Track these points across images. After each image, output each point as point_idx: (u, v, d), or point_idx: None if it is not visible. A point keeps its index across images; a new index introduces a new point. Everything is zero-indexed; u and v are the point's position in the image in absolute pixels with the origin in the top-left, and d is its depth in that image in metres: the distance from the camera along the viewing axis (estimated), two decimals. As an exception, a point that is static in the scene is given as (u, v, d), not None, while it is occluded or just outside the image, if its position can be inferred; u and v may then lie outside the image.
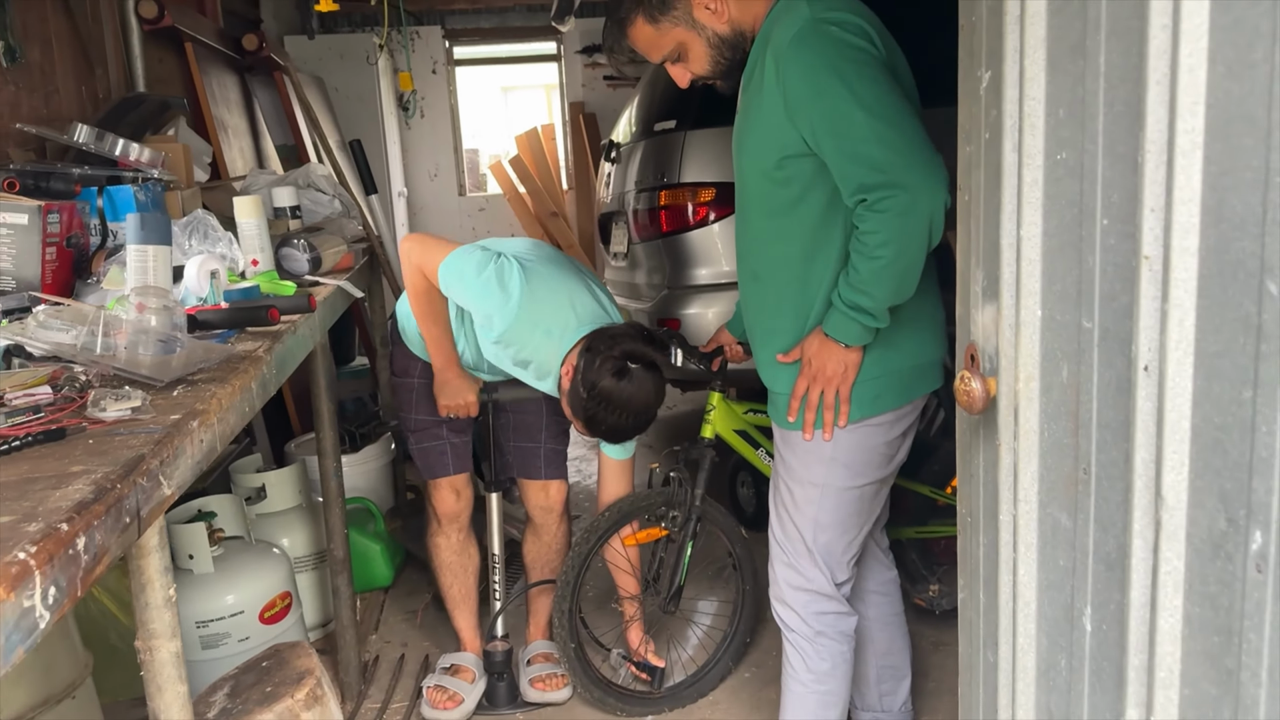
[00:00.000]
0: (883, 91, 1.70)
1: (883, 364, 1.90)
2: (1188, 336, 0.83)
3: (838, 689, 2.12)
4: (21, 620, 0.96)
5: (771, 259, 1.92)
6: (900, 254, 1.72)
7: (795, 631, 2.10)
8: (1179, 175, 0.81)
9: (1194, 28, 0.79)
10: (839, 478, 1.96)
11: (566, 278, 2.41)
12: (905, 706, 2.41)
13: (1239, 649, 0.81)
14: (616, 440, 2.38)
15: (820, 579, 2.04)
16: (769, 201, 1.87)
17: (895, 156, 1.67)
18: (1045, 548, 1.08)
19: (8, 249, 2.44)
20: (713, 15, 1.86)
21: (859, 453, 1.94)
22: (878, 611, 2.32)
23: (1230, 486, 0.80)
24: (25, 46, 2.86)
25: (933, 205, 1.68)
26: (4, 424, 1.45)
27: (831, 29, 1.71)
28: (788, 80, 1.71)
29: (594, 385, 2.20)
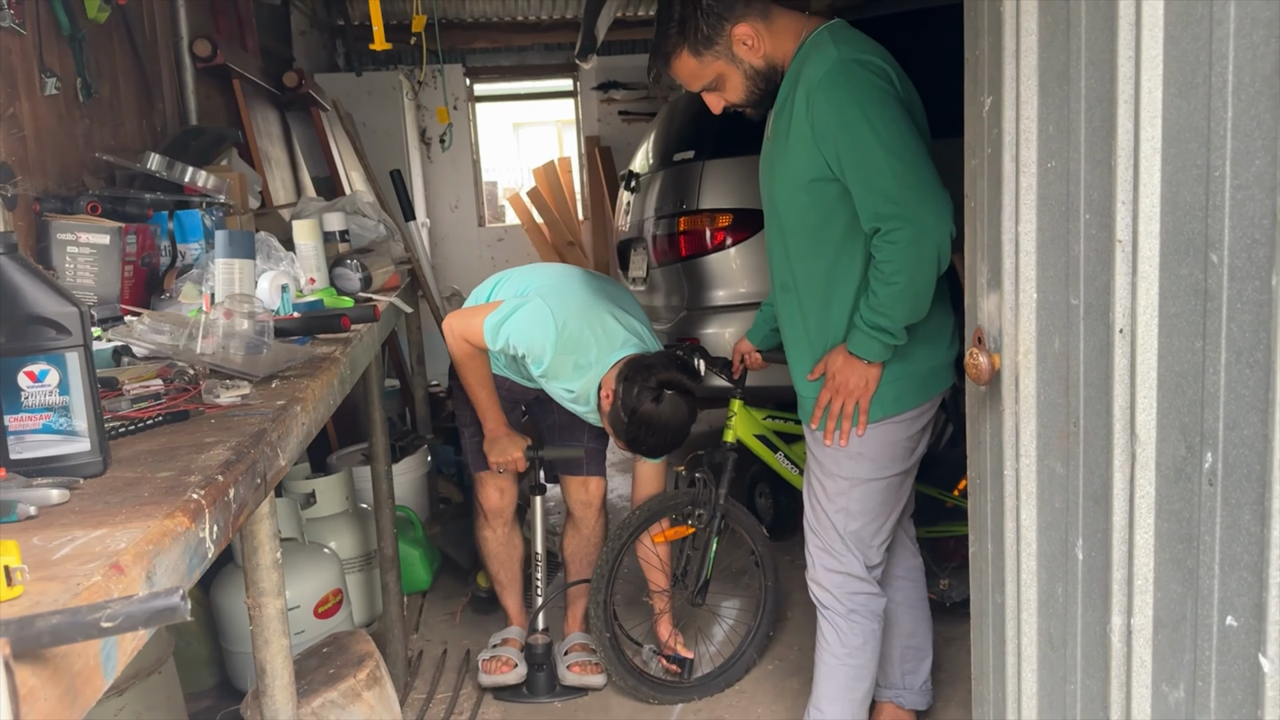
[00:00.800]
0: (901, 130, 1.92)
1: (901, 370, 2.11)
2: (1153, 303, 1.04)
3: (867, 663, 2.31)
4: (198, 547, 1.16)
5: (799, 272, 2.14)
6: (913, 279, 1.94)
7: (830, 609, 2.29)
8: (1143, 174, 1.03)
9: (1152, 58, 1.00)
10: (865, 471, 2.16)
11: (592, 305, 2.65)
12: (925, 685, 2.59)
13: (1197, 550, 1.01)
14: (656, 456, 2.65)
15: (853, 563, 2.25)
16: (798, 220, 2.08)
17: (908, 191, 1.90)
18: (1043, 494, 1.29)
19: (90, 267, 2.66)
20: (750, 50, 2.06)
21: (883, 448, 2.15)
22: (904, 595, 2.51)
23: (1188, 420, 1.00)
24: (98, 83, 3.10)
25: (939, 235, 1.91)
26: (130, 408, 1.66)
27: (858, 69, 1.93)
28: (817, 113, 1.94)
29: (634, 411, 2.46)
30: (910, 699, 2.56)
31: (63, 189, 2.80)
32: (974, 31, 1.38)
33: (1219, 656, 0.99)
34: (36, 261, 2.63)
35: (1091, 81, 1.11)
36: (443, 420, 4.70)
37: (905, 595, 2.50)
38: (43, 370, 1.27)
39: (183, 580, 1.11)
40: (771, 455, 2.95)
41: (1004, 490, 1.36)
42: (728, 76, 2.10)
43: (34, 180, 2.66)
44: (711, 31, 2.03)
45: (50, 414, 1.28)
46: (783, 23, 2.07)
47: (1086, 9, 1.11)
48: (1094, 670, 1.20)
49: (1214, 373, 0.96)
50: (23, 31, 2.60)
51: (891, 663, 2.54)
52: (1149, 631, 1.09)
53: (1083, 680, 1.23)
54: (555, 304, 2.60)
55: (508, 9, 7.30)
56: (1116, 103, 1.06)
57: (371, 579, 3.39)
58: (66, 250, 2.63)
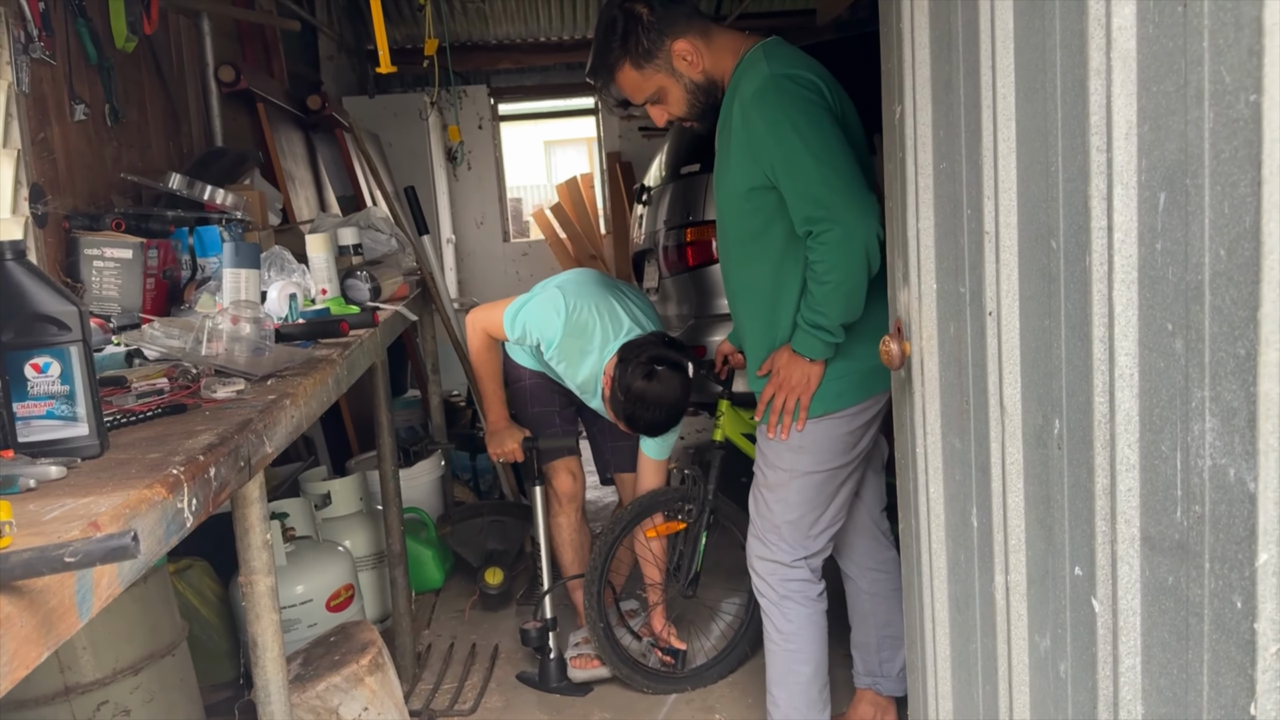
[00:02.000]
0: (828, 140, 2.03)
1: (844, 368, 2.21)
2: (1014, 287, 1.15)
3: (806, 648, 2.39)
4: (175, 516, 1.31)
5: (748, 278, 2.26)
6: (845, 278, 2.05)
7: (764, 596, 2.41)
8: (1002, 171, 1.14)
9: (1005, 67, 1.12)
10: (805, 464, 2.26)
11: (602, 295, 2.84)
12: (902, 672, 2.68)
13: (1052, 510, 1.12)
14: (655, 434, 2.77)
15: (783, 552, 2.34)
16: (743, 228, 2.21)
17: (835, 196, 2.01)
18: (946, 468, 1.40)
19: (114, 279, 2.84)
20: (689, 65, 2.18)
21: (823, 441, 2.25)
22: (879, 587, 2.60)
23: (1042, 391, 1.11)
24: (125, 108, 3.30)
25: (866, 236, 2.01)
26: (134, 402, 1.82)
27: (788, 84, 2.05)
28: (751, 126, 2.06)
29: (629, 388, 2.59)
30: (888, 685, 2.65)
31: (91, 208, 2.99)
32: (887, 45, 1.50)
33: (1071, 605, 1.09)
34: (65, 275, 2.82)
35: (968, 89, 1.23)
36: (460, 428, 4.86)
37: (880, 586, 2.59)
38: (46, 363, 1.43)
39: (159, 544, 1.25)
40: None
41: (917, 466, 1.47)
42: (669, 90, 2.22)
43: (64, 199, 2.85)
44: (652, 45, 2.16)
45: (53, 401, 1.44)
46: (722, 41, 2.19)
47: (963, 22, 1.22)
48: (988, 629, 1.31)
49: (1058, 347, 1.07)
50: (53, 62, 2.80)
51: (869, 650, 2.64)
52: (1023, 587, 1.20)
53: (981, 640, 1.34)
54: (568, 291, 2.81)
55: (530, 30, 7.50)
56: (981, 108, 1.17)
57: (384, 576, 3.53)
58: (93, 264, 2.82)
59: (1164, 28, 0.85)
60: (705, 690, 3.04)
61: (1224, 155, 0.79)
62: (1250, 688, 0.80)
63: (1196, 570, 0.86)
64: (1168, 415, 0.89)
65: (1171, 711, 0.92)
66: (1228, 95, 0.78)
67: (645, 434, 2.78)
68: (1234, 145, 0.78)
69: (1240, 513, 0.80)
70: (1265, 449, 0.76)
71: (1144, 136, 0.89)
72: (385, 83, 6.99)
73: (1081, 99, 0.98)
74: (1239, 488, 0.80)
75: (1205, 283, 0.82)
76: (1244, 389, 0.79)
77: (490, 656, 3.30)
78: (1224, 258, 0.80)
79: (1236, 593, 0.81)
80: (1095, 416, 0.99)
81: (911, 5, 1.38)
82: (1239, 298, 0.78)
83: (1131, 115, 0.91)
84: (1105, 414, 0.98)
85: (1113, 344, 0.95)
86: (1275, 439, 0.76)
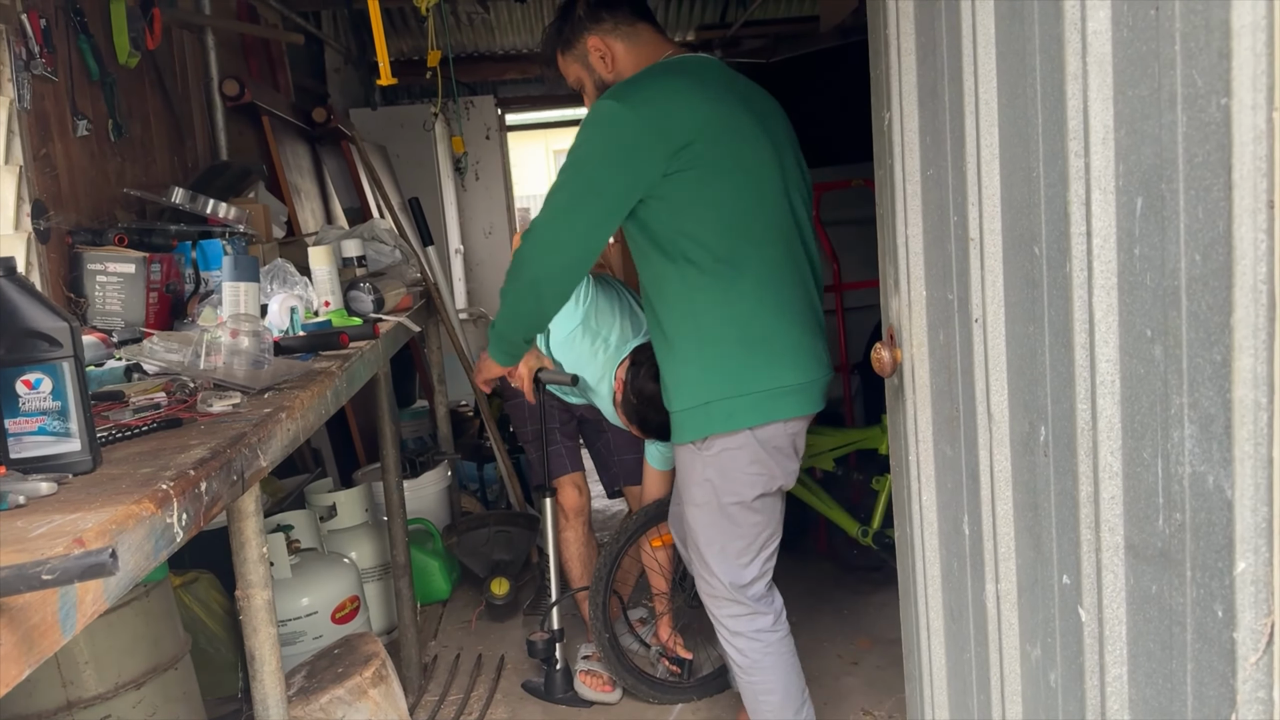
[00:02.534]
0: (594, 171, 1.98)
1: (728, 388, 2.08)
2: (999, 294, 1.14)
3: (768, 678, 2.33)
4: (165, 531, 1.31)
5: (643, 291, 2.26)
6: (512, 295, 2.15)
7: (719, 634, 2.37)
8: (985, 177, 1.13)
9: (986, 73, 1.11)
10: (710, 496, 2.19)
11: (621, 300, 2.86)
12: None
13: (1040, 518, 1.10)
14: (667, 436, 2.71)
15: (719, 585, 2.28)
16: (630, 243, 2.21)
17: (545, 219, 2.02)
18: (938, 475, 1.39)
19: (117, 294, 2.86)
20: (601, 62, 2.19)
21: (725, 473, 2.16)
22: None
23: (1028, 398, 1.11)
24: (128, 123, 3.32)
25: (537, 269, 2.06)
26: (131, 417, 1.82)
27: (609, 105, 1.98)
28: None
29: (640, 391, 2.61)
30: None
31: (94, 223, 3.01)
32: (874, 52, 1.50)
33: (1060, 614, 1.08)
34: (69, 290, 2.84)
35: (952, 95, 1.22)
36: (468, 438, 4.86)
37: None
38: (38, 379, 1.43)
39: (147, 559, 1.25)
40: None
41: (909, 474, 1.46)
42: (584, 81, 2.25)
43: (67, 215, 2.86)
44: (572, 36, 2.20)
45: (45, 417, 1.44)
46: (646, 50, 2.18)
47: (946, 28, 1.22)
48: (981, 638, 1.30)
49: (1042, 353, 1.06)
50: (55, 78, 2.81)
51: None
52: (1014, 596, 1.19)
53: (975, 649, 1.33)
54: (594, 284, 2.83)
55: (536, 40, 7.51)
56: (964, 114, 1.17)
57: (390, 588, 3.53)
58: (96, 279, 2.83)
59: (1138, 31, 0.84)
60: (711, 700, 3.02)
61: (1197, 159, 0.78)
62: (1232, 698, 0.79)
63: (1179, 579, 0.85)
64: (1148, 422, 0.88)
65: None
66: (1200, 99, 0.77)
67: (657, 437, 2.75)
68: (1207, 149, 0.77)
69: (1219, 520, 0.79)
70: (1241, 456, 0.76)
71: (1120, 141, 0.89)
72: (392, 94, 7.01)
73: (1060, 104, 0.97)
74: (1217, 495, 0.79)
75: (1182, 288, 0.81)
76: (1220, 395, 0.78)
77: (496, 667, 3.29)
78: (1199, 263, 0.79)
79: (1217, 601, 0.80)
80: (1078, 423, 0.98)
81: (897, 12, 1.37)
82: (1214, 303, 0.77)
83: (1108, 120, 0.90)
84: (1088, 421, 0.97)
85: (1094, 350, 0.94)
86: (1251, 446, 0.75)
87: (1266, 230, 0.72)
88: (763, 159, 2.10)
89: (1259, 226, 0.72)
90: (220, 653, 3.15)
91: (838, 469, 3.28)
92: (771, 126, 2.17)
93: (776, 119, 2.23)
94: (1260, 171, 0.72)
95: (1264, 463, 0.74)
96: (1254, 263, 0.73)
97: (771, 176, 2.11)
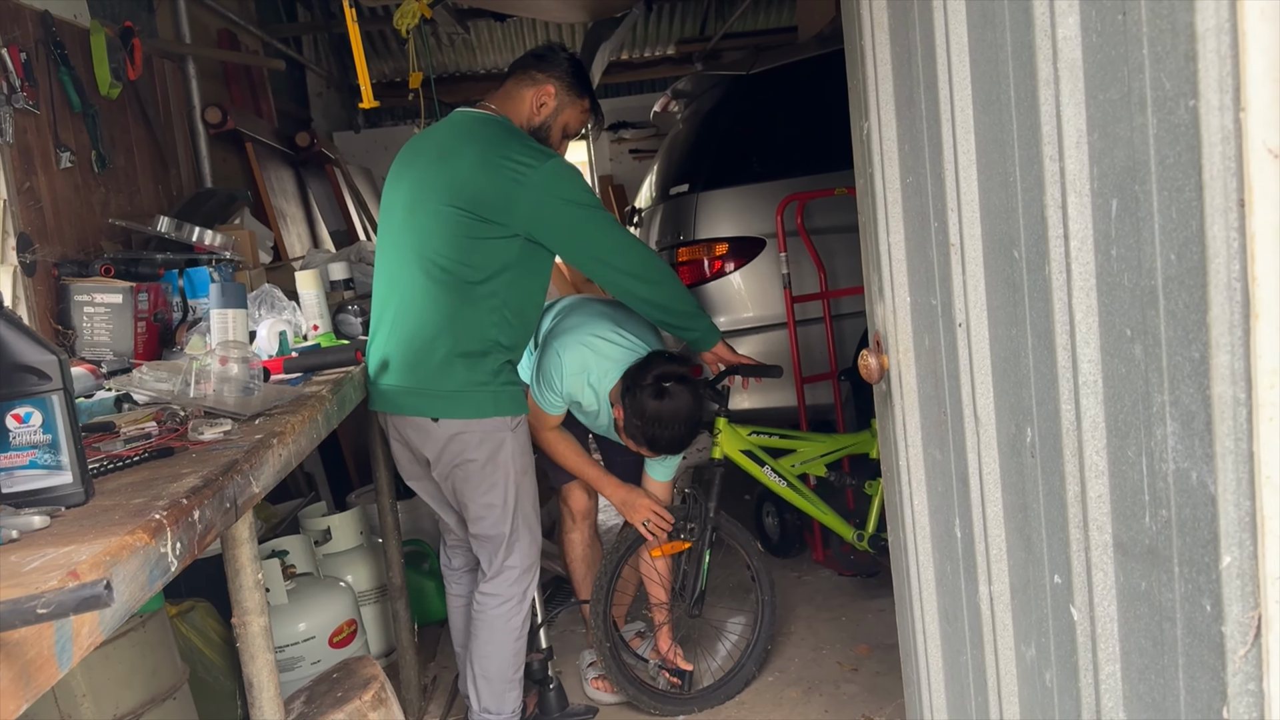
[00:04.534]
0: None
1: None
2: (981, 298, 1.15)
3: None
4: (159, 561, 1.31)
5: None
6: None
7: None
8: (963, 184, 1.15)
9: (961, 80, 1.13)
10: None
11: (594, 331, 2.82)
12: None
13: (1030, 519, 1.11)
14: (678, 450, 2.78)
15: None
16: None
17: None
18: (929, 479, 1.40)
19: (105, 324, 2.86)
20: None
21: None
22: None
23: (1013, 400, 1.12)
24: (112, 154, 3.32)
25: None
26: (122, 448, 1.82)
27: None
28: None
29: (643, 412, 2.63)
30: None
31: (80, 254, 3.01)
32: (851, 62, 1.51)
33: (1053, 613, 1.09)
34: (56, 322, 2.84)
35: (928, 103, 1.23)
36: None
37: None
38: (28, 412, 1.44)
39: (142, 589, 1.25)
40: (758, 469, 3.07)
41: (900, 479, 1.47)
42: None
43: (52, 247, 2.86)
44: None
45: (36, 451, 1.44)
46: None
47: (920, 37, 1.23)
48: (976, 640, 1.30)
49: (1026, 356, 1.07)
50: (36, 111, 2.82)
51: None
52: (1007, 597, 1.20)
53: (971, 651, 1.33)
54: (559, 343, 2.81)
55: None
56: (941, 121, 1.18)
57: (388, 610, 3.52)
58: (83, 310, 2.84)
59: (1106, 36, 0.86)
60: (712, 711, 3.02)
61: (1169, 160, 0.79)
62: (1223, 691, 0.80)
63: (1167, 575, 0.86)
64: (1131, 420, 0.89)
65: (1152, 716, 0.92)
66: (1169, 101, 0.79)
67: (669, 452, 2.79)
68: (1177, 150, 0.78)
69: (1204, 516, 0.80)
70: (1222, 451, 0.77)
71: (1094, 144, 0.90)
72: (375, 117, 7.03)
73: (1033, 109, 0.98)
74: (1201, 491, 0.80)
75: (1159, 287, 0.82)
76: (1200, 392, 0.79)
77: (496, 686, 3.28)
78: (1174, 262, 0.80)
79: (1205, 596, 0.81)
80: (1063, 424, 0.99)
81: (872, 22, 1.39)
82: (1190, 301, 0.79)
83: (1081, 124, 0.91)
84: (1073, 421, 0.98)
85: (1075, 351, 0.95)
86: (1232, 441, 0.76)
87: (1238, 228, 0.73)
88: None
89: (1230, 225, 0.73)
90: (219, 681, 3.13)
91: (831, 475, 3.29)
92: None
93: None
94: (1230, 171, 0.73)
95: (1245, 457, 0.75)
96: (1227, 260, 0.74)
97: None
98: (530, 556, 2.67)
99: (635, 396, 2.64)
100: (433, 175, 2.51)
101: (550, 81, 2.60)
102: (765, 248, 3.95)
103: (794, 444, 3.23)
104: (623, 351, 2.79)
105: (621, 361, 2.77)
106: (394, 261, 2.56)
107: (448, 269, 2.44)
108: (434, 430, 2.50)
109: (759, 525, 4.19)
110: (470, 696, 2.76)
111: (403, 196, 2.57)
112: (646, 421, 2.64)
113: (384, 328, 2.56)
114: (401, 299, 2.52)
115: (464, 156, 2.48)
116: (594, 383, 2.79)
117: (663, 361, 2.70)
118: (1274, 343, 0.72)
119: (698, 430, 2.74)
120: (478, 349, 2.46)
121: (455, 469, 2.53)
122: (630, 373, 2.69)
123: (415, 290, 2.49)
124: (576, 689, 3.17)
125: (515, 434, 2.56)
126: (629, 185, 7.78)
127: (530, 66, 2.62)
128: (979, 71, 1.10)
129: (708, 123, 4.38)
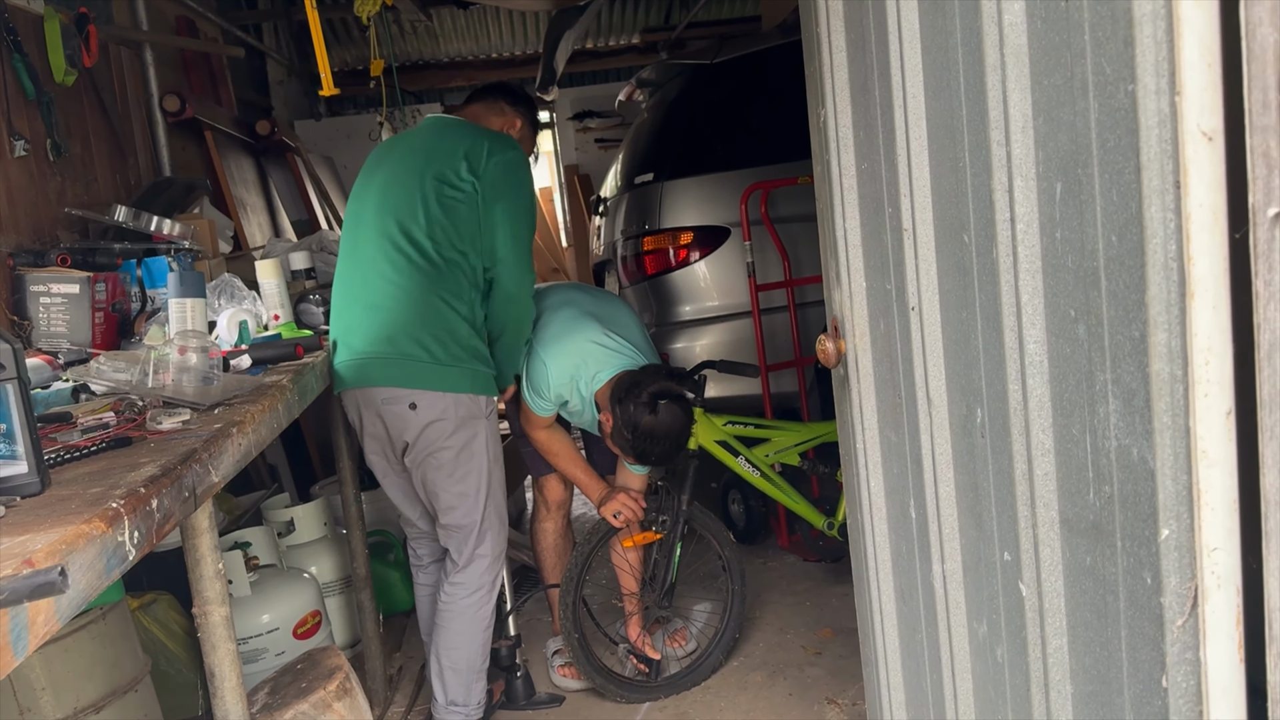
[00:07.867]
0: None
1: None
2: (933, 282, 1.17)
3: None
4: (117, 550, 1.30)
5: None
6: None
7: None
8: (915, 170, 1.16)
9: (913, 67, 1.14)
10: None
11: (581, 335, 2.84)
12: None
13: (980, 498, 1.14)
14: (666, 463, 2.84)
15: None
16: None
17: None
18: (885, 461, 1.42)
19: (62, 315, 2.82)
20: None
21: None
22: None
23: (964, 382, 1.14)
24: (68, 143, 3.27)
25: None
26: (79, 438, 1.81)
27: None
28: None
29: (636, 426, 2.67)
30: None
31: (36, 244, 2.97)
32: (808, 50, 1.53)
33: (1003, 590, 1.11)
34: (13, 313, 2.80)
35: (882, 90, 1.25)
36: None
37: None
38: (-19, 402, 1.42)
39: (99, 577, 1.25)
40: (733, 459, 3.09)
41: (858, 461, 1.49)
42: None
43: (7, 237, 2.82)
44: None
45: (-10, 441, 1.43)
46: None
47: (874, 24, 1.25)
48: (931, 619, 1.33)
49: (975, 338, 1.09)
50: (-11, 99, 2.77)
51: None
52: (959, 575, 1.22)
53: (926, 630, 1.36)
54: (545, 352, 2.83)
55: (481, 47, 7.51)
56: (894, 109, 1.20)
57: (352, 601, 3.51)
58: (40, 301, 2.80)
59: (1050, 23, 0.87)
60: (679, 696, 3.04)
61: (1109, 144, 0.81)
62: (1162, 661, 0.82)
63: (1110, 549, 0.88)
64: (1076, 399, 0.91)
65: (1098, 689, 0.94)
66: (1109, 86, 0.80)
67: (658, 464, 2.86)
68: (1118, 134, 0.80)
69: (1144, 490, 0.82)
70: (1160, 427, 0.79)
71: (1039, 129, 0.92)
72: (337, 105, 6.97)
73: (981, 95, 1.00)
74: (1141, 466, 0.82)
75: (1101, 268, 0.84)
76: (1140, 370, 0.81)
77: (462, 675, 3.28)
78: (1115, 243, 0.82)
79: (1146, 569, 0.83)
80: (1011, 404, 1.01)
81: (828, 10, 1.40)
82: (1130, 282, 0.80)
83: (1027, 109, 0.93)
84: (1020, 401, 1.00)
85: (1022, 332, 0.97)
86: (1169, 417, 0.78)
87: (1174, 209, 0.75)
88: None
89: (1167, 206, 0.75)
90: (181, 673, 3.11)
91: (803, 463, 3.32)
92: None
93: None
94: (1166, 154, 0.75)
95: (1182, 433, 0.77)
96: (1164, 241, 0.76)
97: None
98: (499, 545, 2.69)
99: (628, 409, 2.68)
100: (411, 155, 2.64)
101: (518, 117, 2.86)
102: (730, 236, 3.97)
103: (768, 433, 3.25)
104: (609, 354, 2.80)
105: (608, 363, 2.79)
106: (364, 241, 2.62)
107: (420, 243, 2.52)
108: (412, 417, 2.53)
109: (725, 512, 4.22)
110: (436, 688, 2.76)
111: (377, 181, 2.67)
112: (638, 436, 2.68)
113: (355, 306, 2.59)
114: (371, 276, 2.57)
115: (444, 137, 2.65)
116: (581, 386, 2.83)
117: (660, 378, 2.73)
118: (1208, 321, 0.74)
119: (684, 444, 2.81)
120: (449, 325, 2.51)
121: (429, 456, 2.55)
122: (625, 384, 2.72)
123: (387, 266, 2.54)
124: (543, 676, 3.18)
125: (489, 422, 2.60)
126: (594, 174, 7.77)
127: (501, 98, 2.86)
128: (930, 58, 1.12)
129: (672, 112, 4.39)
